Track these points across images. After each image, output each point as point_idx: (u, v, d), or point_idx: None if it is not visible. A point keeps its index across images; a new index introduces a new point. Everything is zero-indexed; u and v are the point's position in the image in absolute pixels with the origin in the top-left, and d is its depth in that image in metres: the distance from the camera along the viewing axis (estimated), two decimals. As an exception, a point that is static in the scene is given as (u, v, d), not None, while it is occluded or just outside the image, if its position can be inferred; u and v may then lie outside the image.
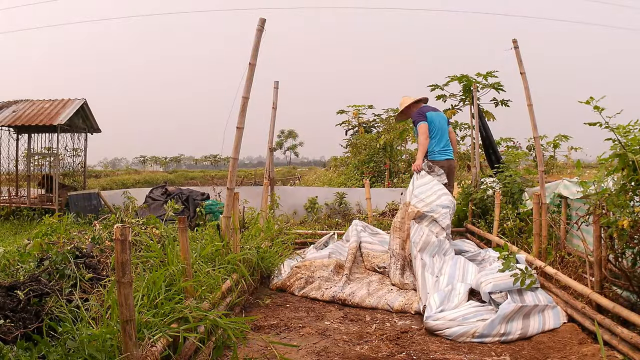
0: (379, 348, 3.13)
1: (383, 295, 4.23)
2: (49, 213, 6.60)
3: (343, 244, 5.59)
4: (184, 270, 2.90)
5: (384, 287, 4.46)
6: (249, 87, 4.24)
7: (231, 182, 4.26)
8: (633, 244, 3.00)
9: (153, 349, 2.14)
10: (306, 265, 4.75)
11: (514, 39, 5.08)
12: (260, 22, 4.26)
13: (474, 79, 9.20)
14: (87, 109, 11.30)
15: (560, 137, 15.29)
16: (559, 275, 3.81)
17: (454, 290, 3.90)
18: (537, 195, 4.63)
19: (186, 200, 8.45)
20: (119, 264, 1.95)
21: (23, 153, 11.34)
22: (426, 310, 3.63)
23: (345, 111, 14.49)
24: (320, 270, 4.65)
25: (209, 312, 2.66)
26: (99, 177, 26.17)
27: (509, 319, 3.34)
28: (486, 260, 4.68)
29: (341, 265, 4.85)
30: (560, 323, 3.38)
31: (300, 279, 4.55)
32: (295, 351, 3.01)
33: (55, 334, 2.13)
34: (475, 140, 7.74)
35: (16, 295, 2.44)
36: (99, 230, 4.20)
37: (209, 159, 48.48)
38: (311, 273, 4.61)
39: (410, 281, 4.53)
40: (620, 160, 3.00)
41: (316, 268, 4.68)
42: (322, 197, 9.16)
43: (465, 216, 6.97)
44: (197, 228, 5.79)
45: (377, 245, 5.32)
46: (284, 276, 4.68)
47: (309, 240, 6.36)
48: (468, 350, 3.06)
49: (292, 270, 4.71)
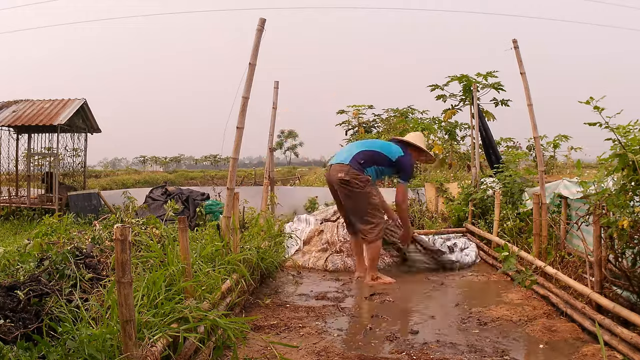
0: (379, 348, 3.13)
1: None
2: (49, 213, 6.60)
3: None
4: (184, 270, 2.90)
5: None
6: (249, 87, 4.24)
7: (231, 182, 4.26)
8: (633, 244, 3.01)
9: (153, 349, 2.14)
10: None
11: (514, 39, 5.08)
12: (260, 22, 4.26)
13: (474, 79, 9.21)
14: (87, 109, 11.30)
15: (560, 137, 15.28)
16: (559, 275, 3.81)
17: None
18: (537, 195, 4.63)
19: (186, 200, 8.46)
20: (119, 264, 1.95)
21: (23, 153, 11.34)
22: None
23: (345, 111, 14.49)
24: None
25: (209, 312, 2.66)
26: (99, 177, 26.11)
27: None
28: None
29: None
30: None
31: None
32: (295, 351, 3.00)
33: (55, 334, 2.13)
34: (475, 140, 7.74)
35: (16, 295, 2.44)
36: (99, 230, 4.20)
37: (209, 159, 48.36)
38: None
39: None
40: (620, 160, 3.00)
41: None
42: (322, 197, 9.17)
43: (465, 216, 6.97)
44: (197, 228, 5.80)
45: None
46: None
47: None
48: (468, 350, 3.06)
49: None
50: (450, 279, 5.06)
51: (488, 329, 3.45)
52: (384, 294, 4.45)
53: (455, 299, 4.31)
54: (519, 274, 4.03)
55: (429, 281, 5.00)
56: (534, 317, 3.63)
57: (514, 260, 4.08)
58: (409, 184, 4.93)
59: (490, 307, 3.93)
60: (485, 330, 3.43)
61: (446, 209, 8.22)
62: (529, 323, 3.52)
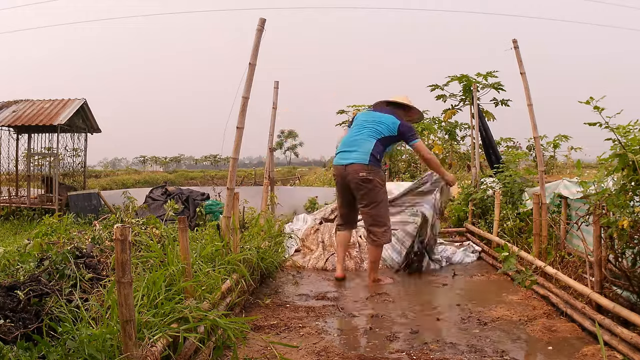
0: (379, 348, 3.13)
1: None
2: (49, 213, 6.60)
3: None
4: (183, 270, 2.90)
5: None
6: (249, 87, 4.24)
7: (231, 182, 4.26)
8: (633, 244, 3.01)
9: (153, 349, 2.14)
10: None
11: (514, 39, 5.08)
12: (260, 22, 4.26)
13: (474, 79, 9.21)
14: (87, 109, 11.30)
15: (560, 137, 15.28)
16: (559, 275, 3.81)
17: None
18: (537, 195, 4.63)
19: (186, 200, 8.46)
20: (119, 264, 1.95)
21: (23, 153, 11.34)
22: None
23: (345, 111, 14.47)
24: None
25: (209, 312, 2.66)
26: (99, 177, 26.12)
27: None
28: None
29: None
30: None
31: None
32: (295, 351, 3.00)
33: (55, 334, 2.13)
34: (475, 140, 7.74)
35: (16, 295, 2.44)
36: (99, 230, 4.20)
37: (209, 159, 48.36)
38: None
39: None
40: (620, 160, 3.00)
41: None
42: (322, 197, 9.17)
43: (465, 216, 6.97)
44: (197, 228, 5.80)
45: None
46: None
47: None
48: (468, 350, 3.06)
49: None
50: (451, 279, 5.06)
51: (488, 329, 3.45)
52: (384, 294, 4.45)
53: (456, 299, 4.30)
54: (519, 274, 4.03)
55: (429, 281, 5.00)
56: (534, 317, 3.63)
57: (514, 260, 4.08)
58: (419, 139, 4.91)
59: (490, 307, 3.93)
60: (485, 330, 3.43)
61: (446, 208, 8.22)
62: (529, 323, 3.52)
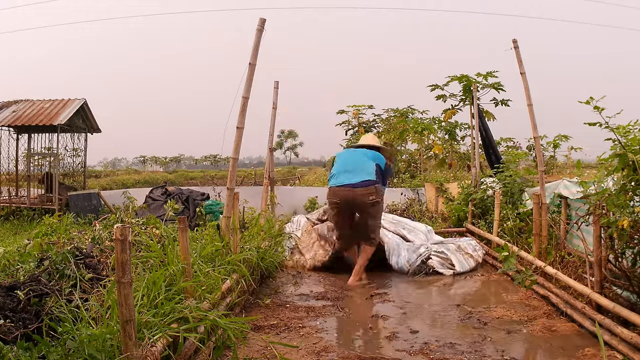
0: (379, 348, 3.13)
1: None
2: (49, 213, 6.60)
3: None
4: (184, 270, 2.90)
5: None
6: (249, 87, 4.24)
7: (231, 182, 4.26)
8: (633, 244, 3.01)
9: (153, 349, 2.14)
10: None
11: (514, 39, 5.09)
12: (260, 22, 4.26)
13: (474, 79, 9.21)
14: (87, 109, 11.29)
15: (560, 137, 15.27)
16: (559, 275, 3.81)
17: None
18: (537, 195, 4.64)
19: (186, 200, 8.46)
20: (119, 264, 1.95)
21: (23, 153, 11.33)
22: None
23: (345, 111, 14.48)
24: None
25: (209, 312, 2.66)
26: (99, 177, 26.10)
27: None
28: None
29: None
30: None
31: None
32: (295, 351, 3.00)
33: (55, 334, 2.13)
34: (475, 140, 7.74)
35: (16, 295, 2.44)
36: (99, 230, 4.20)
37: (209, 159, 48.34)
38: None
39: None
40: (620, 160, 3.00)
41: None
42: (322, 197, 9.15)
43: (465, 216, 6.97)
44: (197, 228, 5.80)
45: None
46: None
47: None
48: (468, 350, 3.06)
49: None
50: (451, 279, 5.06)
51: (488, 328, 3.45)
52: (384, 294, 4.45)
53: (456, 299, 4.31)
54: (519, 274, 4.03)
55: (429, 281, 5.00)
56: (534, 317, 3.63)
57: (514, 260, 4.09)
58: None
59: (491, 307, 3.93)
60: (485, 330, 3.43)
61: (446, 209, 8.23)
62: (529, 323, 3.52)
